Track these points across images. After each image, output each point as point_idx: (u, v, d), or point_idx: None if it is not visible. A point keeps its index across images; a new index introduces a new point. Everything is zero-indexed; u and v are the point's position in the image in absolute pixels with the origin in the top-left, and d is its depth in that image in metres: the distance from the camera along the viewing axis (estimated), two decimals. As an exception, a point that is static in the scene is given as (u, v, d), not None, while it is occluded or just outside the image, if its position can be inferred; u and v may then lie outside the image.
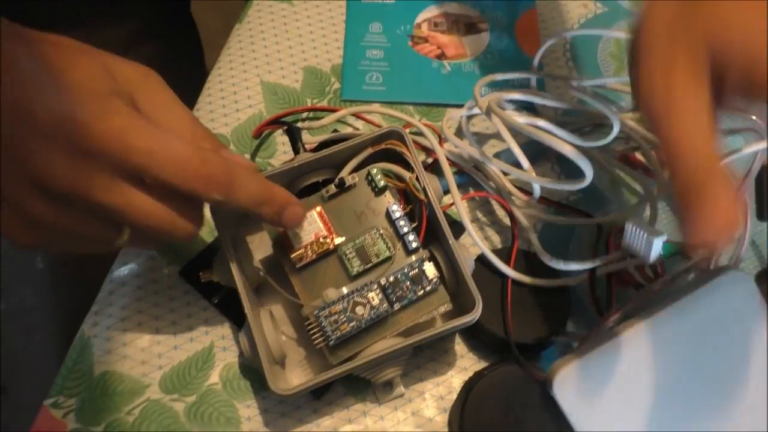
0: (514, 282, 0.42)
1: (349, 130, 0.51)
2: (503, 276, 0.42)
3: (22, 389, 1.11)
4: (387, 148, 0.41)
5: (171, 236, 0.33)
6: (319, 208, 0.40)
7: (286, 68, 0.54)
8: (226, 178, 0.32)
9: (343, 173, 0.41)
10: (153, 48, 0.64)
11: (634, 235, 0.39)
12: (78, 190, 0.30)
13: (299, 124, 0.48)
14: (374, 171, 0.40)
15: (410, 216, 0.41)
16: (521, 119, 0.47)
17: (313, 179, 0.42)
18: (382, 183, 0.40)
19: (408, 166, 0.41)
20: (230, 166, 0.33)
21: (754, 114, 0.43)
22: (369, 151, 0.41)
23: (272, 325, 0.39)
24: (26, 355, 1.13)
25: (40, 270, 1.27)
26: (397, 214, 0.39)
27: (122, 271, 0.44)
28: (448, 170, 0.44)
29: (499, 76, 0.51)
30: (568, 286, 0.43)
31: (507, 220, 0.47)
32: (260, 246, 0.43)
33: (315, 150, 0.48)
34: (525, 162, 0.43)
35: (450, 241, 0.39)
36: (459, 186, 0.48)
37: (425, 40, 0.56)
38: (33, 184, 0.30)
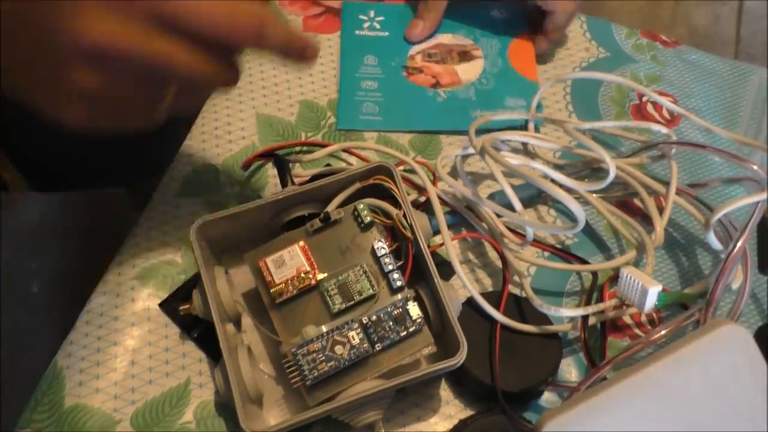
0: (504, 327, 0.41)
1: (343, 165, 0.50)
2: (492, 320, 0.41)
3: (5, 413, 1.08)
4: (375, 184, 0.40)
5: (214, 82, 0.34)
6: (302, 243, 0.39)
7: (282, 101, 0.53)
8: (255, 25, 0.32)
9: (329, 207, 0.40)
10: None
11: (629, 283, 0.38)
12: (118, 44, 0.30)
13: (291, 158, 0.47)
14: (361, 206, 0.39)
15: (397, 254, 0.39)
16: (516, 161, 0.46)
17: (299, 213, 0.41)
18: (368, 219, 0.39)
19: (396, 203, 0.40)
20: (259, 12, 0.33)
21: (755, 164, 0.42)
22: (357, 185, 0.40)
23: (249, 361, 0.37)
24: (12, 378, 1.11)
25: (34, 294, 1.26)
26: (383, 252, 0.38)
27: (100, 301, 0.43)
28: (439, 209, 0.43)
29: (498, 116, 0.50)
30: (559, 334, 0.41)
31: (499, 263, 0.46)
32: (242, 280, 0.42)
33: (306, 180, 0.47)
34: (518, 205, 0.42)
35: (436, 281, 0.37)
36: (451, 226, 0.47)
37: (420, 70, 0.55)
38: (74, 52, 0.30)
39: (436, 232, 0.43)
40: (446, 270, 0.44)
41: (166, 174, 0.49)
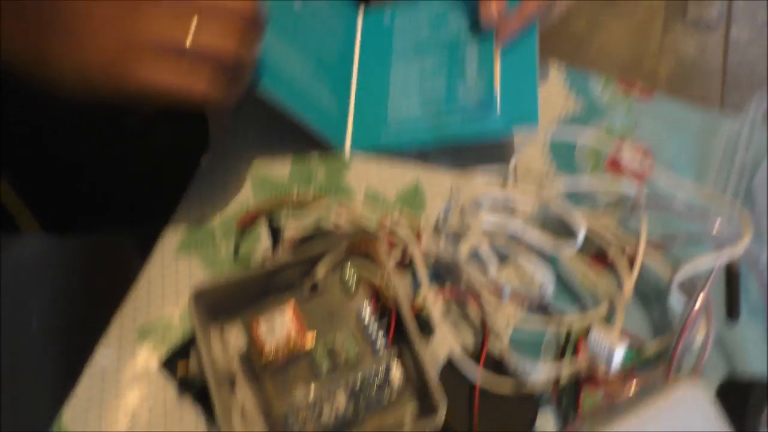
0: (483, 384, 0.43)
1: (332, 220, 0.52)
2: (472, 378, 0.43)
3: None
4: (361, 249, 0.43)
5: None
6: (293, 307, 0.41)
7: (275, 160, 0.56)
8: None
9: (318, 273, 0.43)
10: (166, 135, 0.66)
11: (597, 342, 0.41)
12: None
13: (283, 217, 0.50)
14: (347, 271, 0.42)
15: (381, 316, 0.42)
16: (494, 218, 0.48)
17: (290, 277, 0.43)
18: (354, 283, 0.41)
19: (381, 267, 0.42)
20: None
21: (716, 221, 0.44)
22: (344, 251, 0.43)
23: (242, 423, 0.40)
24: (8, 420, 1.13)
25: (33, 330, 1.28)
26: (368, 315, 0.41)
27: (104, 357, 0.45)
28: (422, 267, 0.45)
29: (478, 179, 0.53)
30: (537, 388, 0.44)
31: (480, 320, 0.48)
32: (235, 340, 0.45)
33: (297, 243, 0.50)
34: (493, 268, 0.45)
35: (416, 344, 0.40)
36: (434, 282, 0.49)
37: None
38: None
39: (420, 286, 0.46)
40: (429, 327, 0.46)
41: (164, 233, 0.52)
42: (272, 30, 0.50)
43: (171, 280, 0.50)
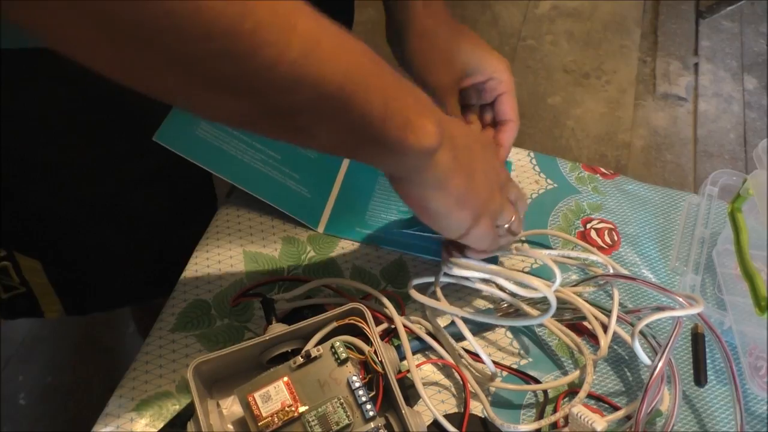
0: (467, 445, 0.46)
1: (321, 295, 0.56)
2: (457, 441, 0.46)
3: None
4: (350, 323, 0.46)
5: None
6: (286, 378, 0.44)
7: (266, 238, 0.60)
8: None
9: (309, 345, 0.46)
10: (170, 185, 0.69)
11: (578, 420, 0.44)
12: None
13: (275, 291, 0.53)
14: (337, 344, 0.45)
15: (369, 385, 0.45)
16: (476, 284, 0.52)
17: (283, 349, 0.46)
18: (344, 355, 0.44)
19: (369, 339, 0.46)
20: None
21: (678, 295, 0.48)
22: (334, 325, 0.46)
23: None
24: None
25: (22, 406, 1.28)
26: (357, 384, 0.44)
27: (104, 430, 0.48)
28: (405, 338, 0.48)
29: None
30: (517, 451, 0.46)
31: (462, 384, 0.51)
32: (231, 409, 0.47)
33: (288, 315, 0.53)
34: (468, 334, 0.48)
35: (403, 411, 0.42)
36: (419, 351, 0.52)
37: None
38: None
39: (404, 357, 0.49)
40: (415, 393, 0.49)
41: (162, 311, 0.55)
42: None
43: (168, 357, 0.52)
